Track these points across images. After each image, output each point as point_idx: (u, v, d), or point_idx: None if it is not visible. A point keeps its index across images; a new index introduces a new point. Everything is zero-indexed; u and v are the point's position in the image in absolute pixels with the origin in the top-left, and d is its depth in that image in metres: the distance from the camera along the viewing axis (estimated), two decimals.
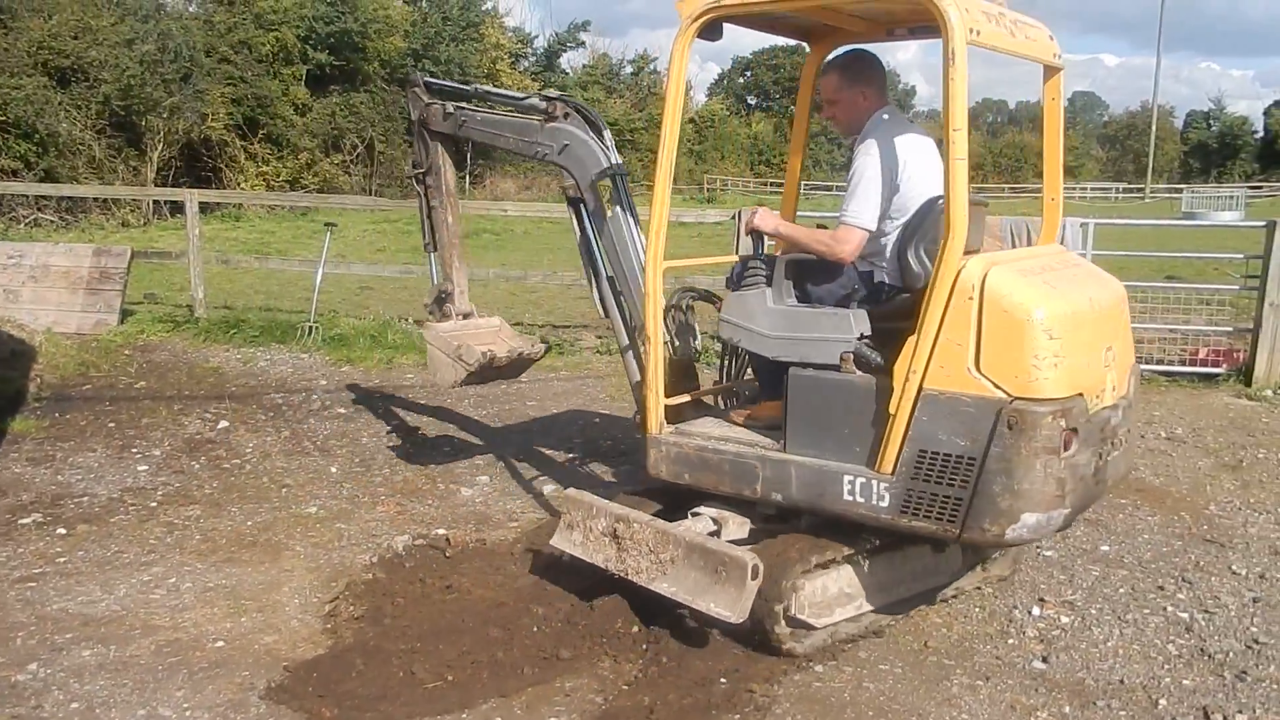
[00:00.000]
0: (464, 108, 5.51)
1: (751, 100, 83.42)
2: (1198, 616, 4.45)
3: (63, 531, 5.28)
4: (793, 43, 5.05)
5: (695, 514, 4.43)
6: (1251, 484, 6.30)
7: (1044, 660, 4.05)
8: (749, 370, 5.10)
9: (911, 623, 4.34)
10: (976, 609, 4.48)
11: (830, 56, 4.72)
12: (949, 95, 3.61)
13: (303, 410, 7.78)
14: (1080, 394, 3.67)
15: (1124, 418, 4.07)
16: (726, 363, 5.27)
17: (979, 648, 4.16)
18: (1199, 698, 3.77)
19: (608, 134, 4.85)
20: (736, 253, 7.56)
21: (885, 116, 4.31)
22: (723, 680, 3.82)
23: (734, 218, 9.82)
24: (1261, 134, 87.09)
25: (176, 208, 22.61)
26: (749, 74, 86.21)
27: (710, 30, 4.26)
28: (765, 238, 4.46)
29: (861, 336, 3.99)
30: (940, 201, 3.81)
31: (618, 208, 4.76)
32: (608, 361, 9.62)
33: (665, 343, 4.65)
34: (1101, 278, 4.28)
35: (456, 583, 4.61)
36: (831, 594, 4.13)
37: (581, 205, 4.98)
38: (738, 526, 4.37)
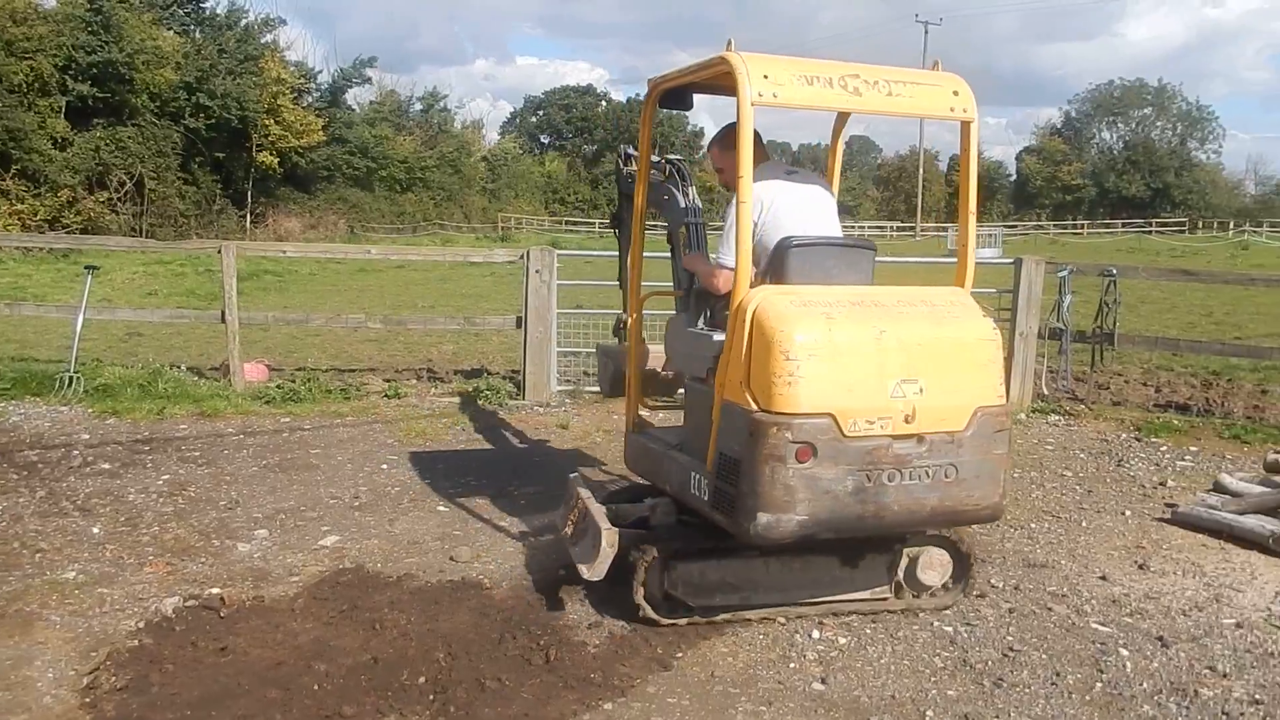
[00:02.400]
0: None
1: (545, 139, 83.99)
2: (960, 629, 4.74)
3: None
4: (586, 85, 5.51)
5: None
6: (1007, 502, 6.76)
7: (823, 681, 4.21)
8: None
9: (699, 653, 4.43)
10: (760, 635, 4.62)
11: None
12: (739, 146, 4.15)
13: (61, 467, 7.24)
14: (829, 414, 4.02)
15: (933, 452, 4.23)
16: None
17: (762, 674, 4.28)
18: (961, 706, 4.01)
19: (692, 188, 5.54)
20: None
21: (758, 172, 4.70)
22: None
23: (522, 257, 9.84)
24: (1014, 177, 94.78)
25: None
26: (541, 113, 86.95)
27: (678, 100, 5.12)
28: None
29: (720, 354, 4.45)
30: (787, 239, 4.48)
31: (689, 249, 5.39)
32: (395, 405, 9.43)
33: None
34: (949, 321, 4.38)
35: (232, 644, 4.40)
36: (712, 581, 4.62)
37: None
38: (664, 514, 4.96)
